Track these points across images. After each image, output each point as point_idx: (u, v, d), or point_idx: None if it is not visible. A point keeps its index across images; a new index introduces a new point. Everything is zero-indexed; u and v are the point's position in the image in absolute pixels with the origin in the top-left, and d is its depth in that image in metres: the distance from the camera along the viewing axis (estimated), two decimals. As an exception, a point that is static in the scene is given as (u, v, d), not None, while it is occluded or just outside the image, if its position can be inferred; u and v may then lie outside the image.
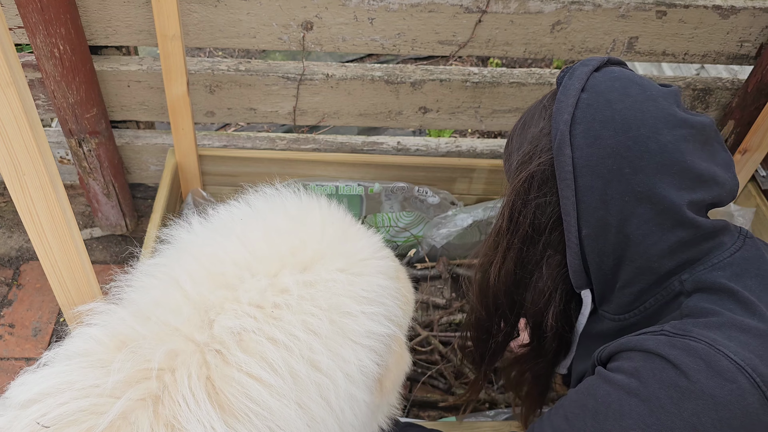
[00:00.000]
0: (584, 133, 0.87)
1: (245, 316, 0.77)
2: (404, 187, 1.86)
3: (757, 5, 1.61)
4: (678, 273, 0.88)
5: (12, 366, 1.70)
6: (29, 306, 1.83)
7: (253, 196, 0.98)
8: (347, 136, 1.93)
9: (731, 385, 0.74)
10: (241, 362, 0.74)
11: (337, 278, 0.84)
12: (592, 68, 0.93)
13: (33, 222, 0.89)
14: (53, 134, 1.87)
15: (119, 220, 1.93)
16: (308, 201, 0.97)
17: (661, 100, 0.88)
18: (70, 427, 0.68)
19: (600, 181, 0.86)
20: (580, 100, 0.89)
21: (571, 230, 0.90)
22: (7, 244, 1.98)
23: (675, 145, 0.85)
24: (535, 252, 0.97)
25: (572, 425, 0.85)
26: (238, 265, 0.83)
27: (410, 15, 1.59)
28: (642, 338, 0.84)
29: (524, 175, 0.94)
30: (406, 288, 1.02)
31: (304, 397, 0.76)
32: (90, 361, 0.74)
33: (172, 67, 1.52)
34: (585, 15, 1.61)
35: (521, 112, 1.82)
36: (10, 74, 0.74)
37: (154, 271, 0.86)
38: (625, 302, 0.92)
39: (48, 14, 1.41)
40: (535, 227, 0.95)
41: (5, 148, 0.80)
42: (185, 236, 0.91)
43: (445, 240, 1.84)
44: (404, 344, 1.00)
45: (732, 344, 0.77)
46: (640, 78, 0.92)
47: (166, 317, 0.78)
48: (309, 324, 0.79)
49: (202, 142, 1.87)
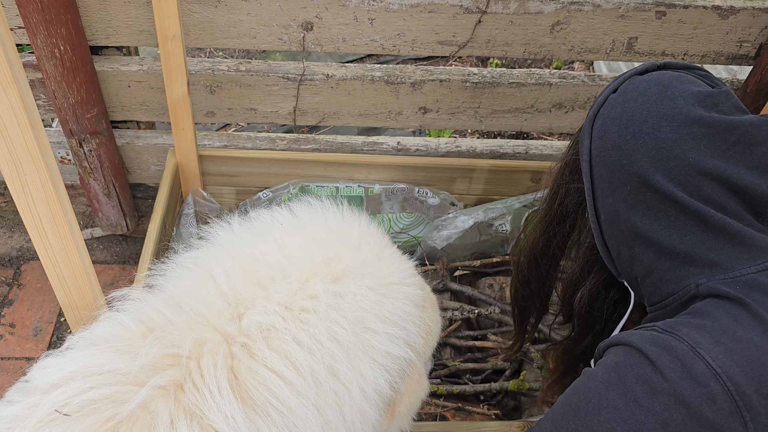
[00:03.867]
0: (599, 128, 0.96)
1: (274, 315, 0.79)
2: (404, 188, 1.86)
3: (757, 5, 1.62)
4: (696, 276, 0.87)
5: (12, 366, 1.70)
6: (30, 306, 1.83)
7: (297, 205, 1.00)
8: (347, 136, 1.93)
9: (702, 389, 0.76)
10: (266, 357, 0.75)
11: (365, 294, 0.87)
12: (636, 72, 0.99)
13: (34, 222, 0.89)
14: (54, 134, 1.87)
15: (120, 220, 1.93)
16: (349, 216, 1.00)
17: (679, 101, 0.89)
18: (91, 416, 0.68)
19: (606, 171, 0.94)
20: (608, 99, 0.97)
21: (592, 215, 0.98)
22: (7, 243, 1.98)
23: (676, 142, 0.87)
24: (564, 232, 1.10)
25: (557, 425, 0.87)
26: (271, 266, 0.85)
27: (410, 15, 1.59)
28: (630, 333, 0.86)
29: (561, 162, 1.07)
30: (431, 318, 1.04)
31: (321, 401, 0.78)
32: (116, 347, 0.75)
33: (172, 67, 1.52)
34: (584, 15, 1.61)
35: (521, 112, 1.83)
36: (11, 73, 0.74)
37: (190, 264, 0.88)
38: (647, 294, 0.95)
39: (49, 14, 1.42)
40: (565, 209, 1.08)
41: (6, 147, 0.80)
42: (224, 234, 0.93)
43: (446, 242, 1.84)
44: (423, 373, 1.01)
45: (716, 350, 0.78)
46: (675, 81, 0.93)
47: (197, 307, 0.79)
48: (334, 332, 0.81)
49: (202, 142, 1.87)
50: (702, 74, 0.97)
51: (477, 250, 1.93)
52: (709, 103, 0.89)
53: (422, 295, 1.01)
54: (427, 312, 1.02)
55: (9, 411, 0.71)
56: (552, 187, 1.10)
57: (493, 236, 1.89)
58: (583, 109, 1.83)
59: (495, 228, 1.87)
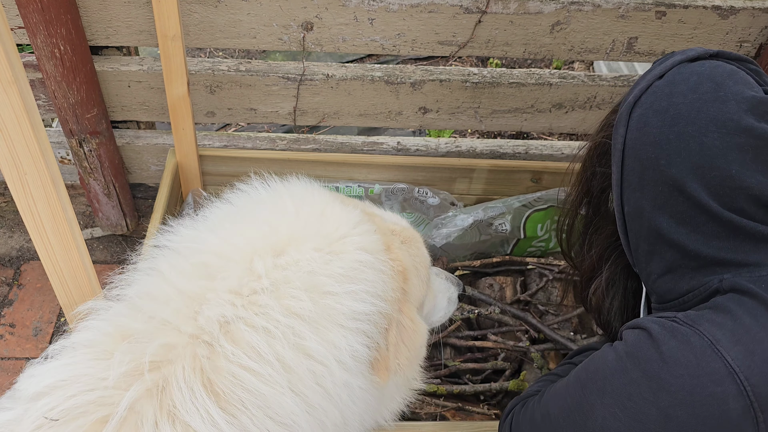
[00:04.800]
0: (639, 117, 0.90)
1: (226, 304, 0.78)
2: (404, 188, 1.86)
3: (757, 5, 1.62)
4: (720, 273, 0.86)
5: (12, 366, 1.70)
6: (30, 306, 1.83)
7: (230, 193, 0.99)
8: (347, 136, 1.93)
9: (714, 388, 0.75)
10: (228, 353, 0.75)
11: (312, 257, 0.84)
12: (685, 58, 0.92)
13: (34, 222, 0.89)
14: (54, 134, 1.87)
15: (120, 220, 1.93)
16: (281, 187, 0.97)
17: (731, 105, 0.84)
18: (79, 419, 0.69)
19: (639, 165, 0.89)
20: (652, 86, 0.91)
21: (617, 204, 0.95)
22: (7, 243, 1.98)
23: (721, 150, 0.83)
24: (589, 213, 1.07)
25: (567, 391, 0.90)
26: (216, 254, 0.85)
27: (410, 15, 1.59)
28: (651, 319, 0.85)
29: (591, 143, 1.03)
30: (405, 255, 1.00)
31: (299, 384, 0.77)
32: (95, 353, 0.75)
33: (172, 67, 1.52)
34: (584, 15, 1.61)
35: (521, 112, 1.83)
36: (11, 73, 0.74)
37: (144, 267, 0.88)
38: (662, 291, 0.93)
39: (49, 14, 1.42)
40: (590, 191, 1.04)
41: (7, 147, 0.80)
42: (170, 237, 0.93)
43: (445, 240, 1.84)
44: (416, 318, 0.98)
45: (736, 349, 0.77)
46: (728, 79, 0.87)
47: (156, 310, 0.79)
48: (289, 307, 0.79)
49: (202, 142, 1.87)
50: (754, 69, 0.92)
51: (477, 250, 1.93)
52: (761, 112, 0.84)
53: (378, 239, 0.96)
54: (394, 252, 0.97)
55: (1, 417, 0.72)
56: (580, 167, 1.07)
57: (493, 236, 1.89)
58: (583, 109, 1.83)
59: (495, 227, 1.87)
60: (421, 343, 1.00)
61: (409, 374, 1.00)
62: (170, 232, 0.93)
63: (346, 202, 1.01)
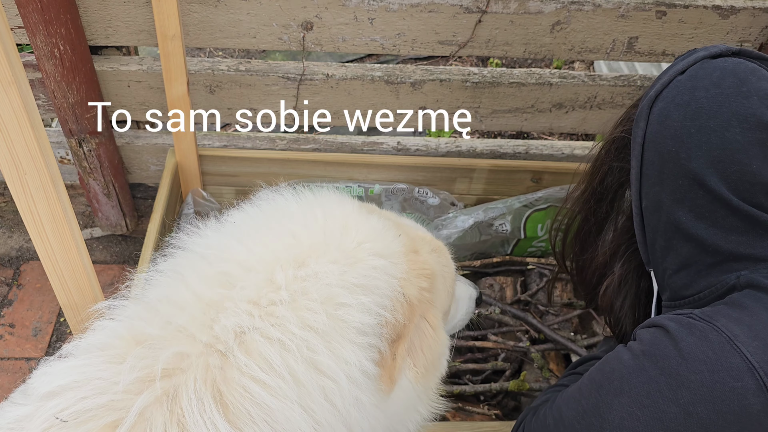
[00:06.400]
0: (660, 111, 0.90)
1: (243, 314, 0.77)
2: (404, 188, 1.86)
3: (757, 5, 1.61)
4: (737, 269, 0.86)
5: (12, 366, 1.70)
6: (29, 306, 1.83)
7: (255, 198, 0.98)
8: (347, 136, 1.93)
9: (734, 383, 0.75)
10: (241, 364, 0.74)
11: (329, 269, 0.83)
12: (708, 54, 0.91)
13: (34, 221, 0.89)
14: (53, 134, 1.87)
15: (119, 220, 1.93)
16: (310, 197, 0.97)
17: (754, 100, 0.83)
18: (90, 423, 0.69)
19: (659, 159, 0.89)
20: (674, 81, 0.90)
21: (635, 198, 0.94)
22: (7, 243, 1.98)
23: (742, 145, 0.82)
24: (602, 210, 1.05)
25: (581, 393, 0.89)
26: (239, 264, 0.84)
27: (410, 15, 1.59)
28: (666, 317, 0.84)
29: (609, 137, 1.01)
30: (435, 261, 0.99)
31: (308, 399, 0.76)
32: (109, 356, 0.75)
33: (172, 67, 1.52)
34: (585, 15, 1.61)
35: (521, 112, 1.83)
36: (11, 73, 0.74)
37: (166, 269, 0.87)
38: (677, 287, 0.92)
39: (48, 14, 1.41)
40: (606, 187, 1.03)
41: (6, 147, 0.80)
42: (196, 239, 0.92)
43: (446, 242, 1.83)
44: (437, 326, 0.96)
45: (754, 344, 0.76)
46: (751, 75, 0.86)
47: (174, 314, 0.79)
48: (305, 319, 0.78)
49: (202, 142, 1.87)
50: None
51: (477, 250, 1.93)
52: None
53: (397, 242, 0.94)
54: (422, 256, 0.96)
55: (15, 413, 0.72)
56: (594, 163, 1.05)
57: (493, 236, 1.89)
58: (584, 109, 1.83)
59: (495, 228, 1.87)
60: (442, 353, 0.98)
61: (429, 384, 0.98)
62: (196, 235, 0.92)
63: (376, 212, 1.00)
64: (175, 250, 0.91)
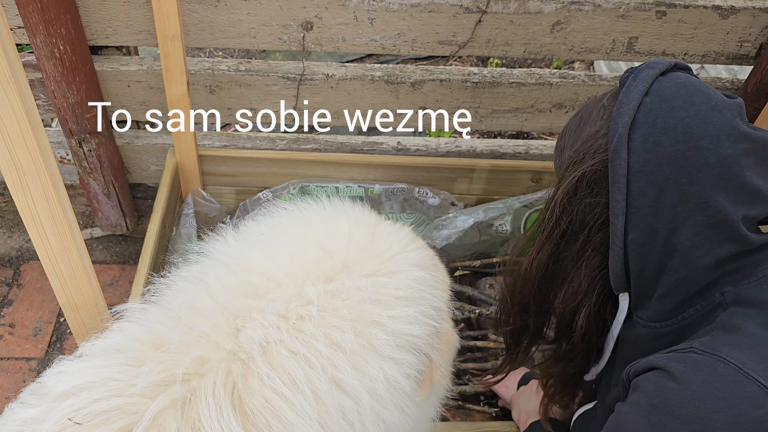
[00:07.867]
0: (643, 138, 0.85)
1: (270, 327, 0.77)
2: (404, 188, 1.86)
3: (757, 5, 1.61)
4: (721, 285, 0.86)
5: (12, 366, 1.70)
6: (29, 306, 1.83)
7: (279, 209, 0.98)
8: (347, 136, 1.93)
9: (757, 412, 0.74)
10: (263, 375, 0.74)
11: (361, 285, 0.82)
12: (658, 72, 0.90)
13: (34, 222, 0.89)
14: (53, 134, 1.87)
15: (119, 220, 1.93)
16: (333, 209, 0.96)
17: (726, 112, 0.85)
18: (102, 426, 0.68)
19: (654, 188, 0.85)
20: (643, 104, 0.86)
21: (617, 233, 0.89)
22: (7, 244, 1.98)
23: (735, 159, 0.83)
24: (573, 250, 0.96)
25: None
26: (265, 275, 0.83)
27: (410, 15, 1.59)
28: (666, 357, 0.82)
29: (577, 173, 0.92)
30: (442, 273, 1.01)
31: (326, 418, 0.76)
32: (126, 358, 0.74)
33: (172, 67, 1.52)
34: (585, 15, 1.61)
35: (521, 112, 1.83)
36: (11, 73, 0.74)
37: (189, 276, 0.87)
38: (662, 311, 0.90)
39: (48, 14, 1.41)
40: (578, 225, 0.94)
41: (6, 147, 0.80)
42: (219, 247, 0.92)
43: (446, 241, 1.84)
44: (450, 325, 0.97)
45: (761, 367, 0.76)
46: (705, 86, 0.88)
47: (196, 321, 0.78)
48: (331, 337, 0.78)
49: (202, 142, 1.87)
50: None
51: (477, 250, 1.93)
52: (742, 115, 0.86)
53: (432, 254, 0.97)
54: (438, 269, 0.98)
55: (24, 414, 0.72)
56: (559, 203, 0.95)
57: (493, 236, 1.89)
58: (584, 109, 1.83)
59: (495, 228, 1.87)
60: (456, 346, 0.99)
61: (447, 381, 0.99)
62: (220, 243, 0.92)
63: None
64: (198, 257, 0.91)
